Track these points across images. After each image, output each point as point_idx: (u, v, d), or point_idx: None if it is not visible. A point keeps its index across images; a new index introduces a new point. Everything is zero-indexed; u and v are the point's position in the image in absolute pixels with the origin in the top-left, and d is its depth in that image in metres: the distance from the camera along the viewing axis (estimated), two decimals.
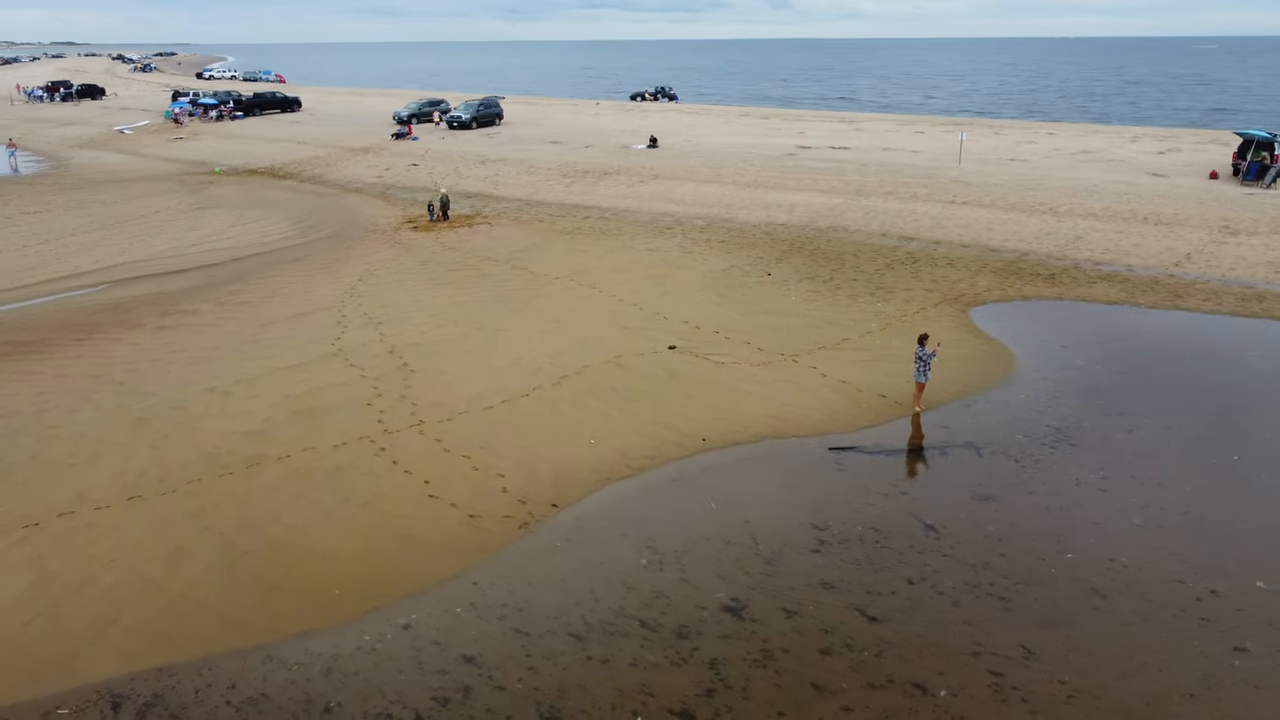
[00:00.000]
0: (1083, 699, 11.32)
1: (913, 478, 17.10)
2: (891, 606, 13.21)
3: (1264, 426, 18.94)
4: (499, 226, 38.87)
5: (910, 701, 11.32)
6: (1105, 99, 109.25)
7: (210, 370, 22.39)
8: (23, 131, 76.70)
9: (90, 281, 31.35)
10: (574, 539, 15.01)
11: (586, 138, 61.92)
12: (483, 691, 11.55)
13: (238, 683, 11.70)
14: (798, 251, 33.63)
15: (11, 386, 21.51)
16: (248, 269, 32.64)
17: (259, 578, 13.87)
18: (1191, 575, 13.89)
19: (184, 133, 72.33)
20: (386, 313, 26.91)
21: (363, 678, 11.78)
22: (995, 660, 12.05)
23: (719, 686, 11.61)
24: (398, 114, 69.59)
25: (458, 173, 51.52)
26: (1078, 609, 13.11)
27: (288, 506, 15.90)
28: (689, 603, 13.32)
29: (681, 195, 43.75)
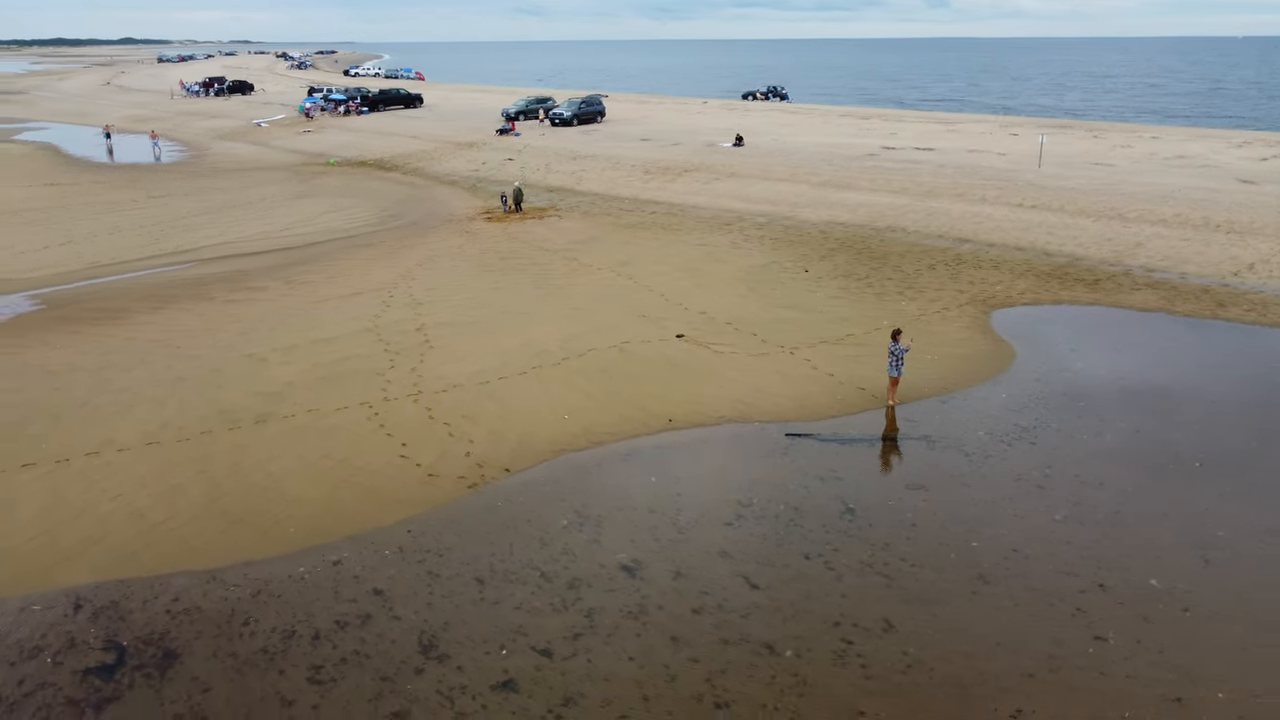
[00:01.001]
0: (918, 669, 11.98)
1: (855, 465, 17.73)
2: (776, 577, 14.06)
3: (1244, 437, 18.63)
4: (567, 219, 40.55)
5: (754, 658, 12.22)
6: (1251, 102, 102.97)
7: (255, 339, 24.79)
8: (174, 123, 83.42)
9: (184, 259, 34.63)
10: (513, 500, 16.39)
11: (678, 136, 63.13)
12: (379, 619, 13.08)
13: (180, 596, 13.59)
14: (845, 250, 34.01)
15: (86, 345, 24.42)
16: (323, 252, 35.33)
17: (228, 514, 15.82)
18: (1087, 569, 14.17)
19: (312, 126, 77.18)
20: (429, 295, 28.90)
21: (283, 600, 13.49)
22: (852, 630, 12.79)
23: (586, 632, 12.79)
24: (506, 111, 72.45)
25: (547, 168, 53.56)
26: (956, 591, 13.66)
27: (276, 458, 17.86)
28: (591, 560, 14.51)
29: (751, 193, 44.47)
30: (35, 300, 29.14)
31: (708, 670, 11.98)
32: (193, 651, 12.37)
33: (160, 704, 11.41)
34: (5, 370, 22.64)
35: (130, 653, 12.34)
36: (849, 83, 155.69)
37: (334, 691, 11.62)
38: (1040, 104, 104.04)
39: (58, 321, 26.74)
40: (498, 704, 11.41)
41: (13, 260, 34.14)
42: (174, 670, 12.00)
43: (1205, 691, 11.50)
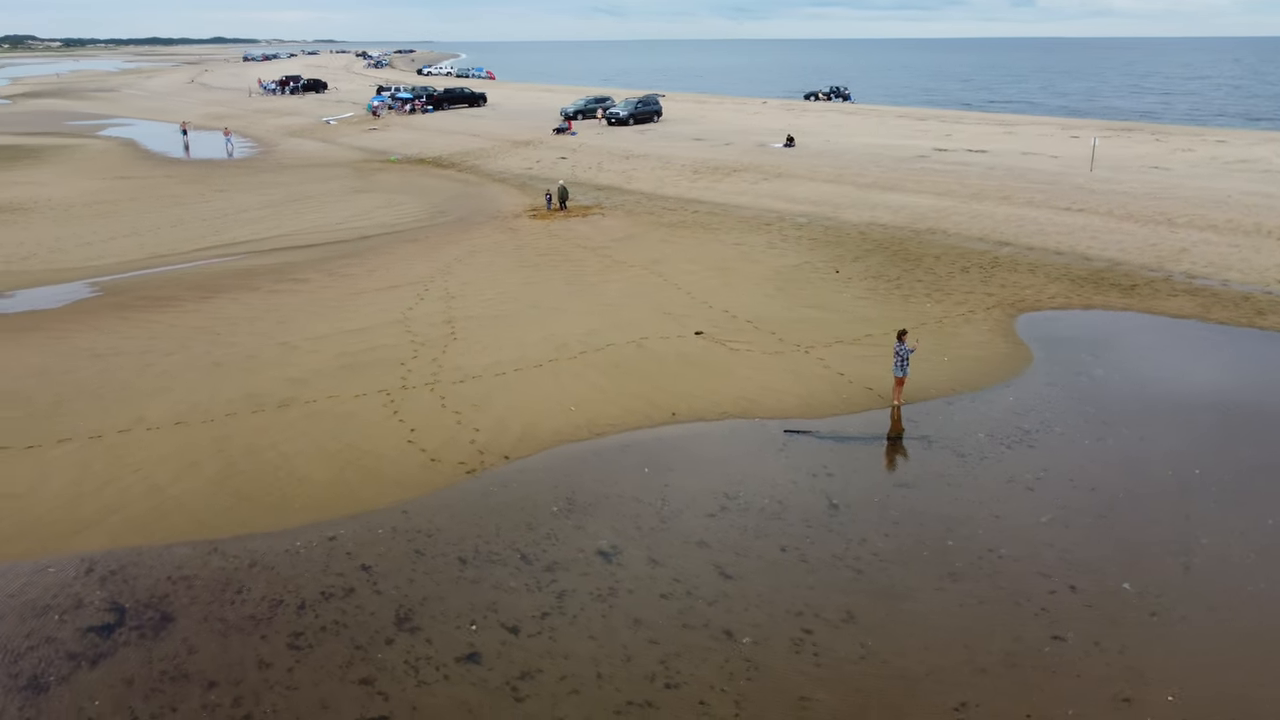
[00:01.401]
0: (871, 660, 12.25)
1: (848, 462, 17.94)
2: (749, 567, 14.41)
3: (1252, 447, 18.35)
4: (609, 217, 41.15)
5: (712, 643, 12.61)
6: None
7: (291, 328, 25.87)
8: (248, 120, 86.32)
9: (239, 251, 36.10)
10: (508, 485, 17.01)
11: (730, 136, 63.31)
12: (362, 592, 13.80)
13: (183, 564, 14.50)
14: (880, 251, 33.96)
15: (133, 331, 25.77)
16: (369, 246, 36.49)
17: (238, 491, 16.73)
18: (1061, 571, 14.23)
19: (378, 124, 79.19)
20: (463, 289, 29.75)
21: (276, 572, 14.30)
22: (813, 620, 13.10)
23: (554, 611, 13.32)
24: (564, 110, 73.41)
25: (598, 166, 54.26)
26: (924, 587, 13.85)
27: (291, 440, 18.77)
28: (572, 545, 15.04)
29: (795, 193, 44.53)
30: (94, 287, 30.74)
31: (664, 652, 12.41)
32: (186, 615, 13.23)
33: (149, 662, 12.26)
34: (56, 353, 24.03)
35: (129, 614, 13.24)
36: (916, 83, 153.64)
37: (309, 657, 12.34)
38: (1114, 106, 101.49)
39: (111, 308, 28.21)
40: (459, 674, 12.00)
41: (80, 250, 35.99)
42: (166, 632, 12.86)
43: (1155, 693, 11.55)
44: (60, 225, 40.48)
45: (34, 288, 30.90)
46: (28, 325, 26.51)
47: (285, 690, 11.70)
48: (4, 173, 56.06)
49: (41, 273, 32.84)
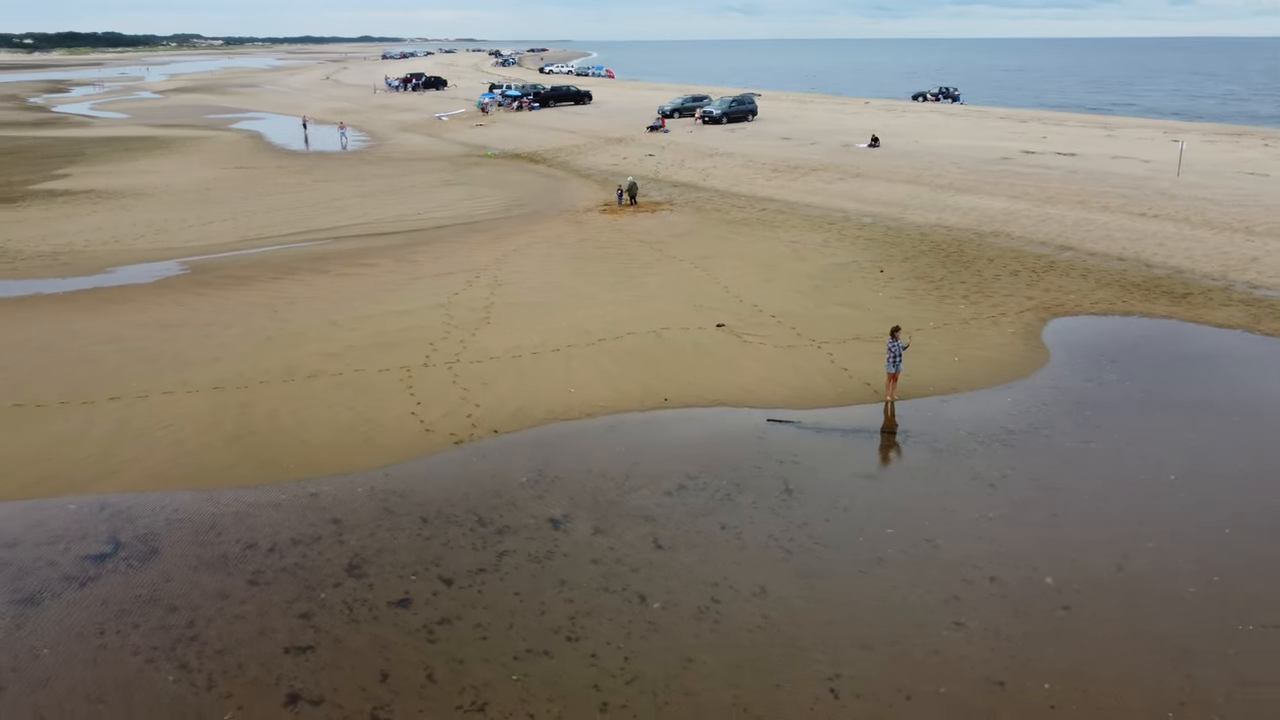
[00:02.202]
0: (766, 630, 12.92)
1: (818, 452, 18.45)
2: (684, 541, 15.21)
3: (1240, 457, 17.99)
4: (677, 213, 42.06)
5: (623, 605, 13.51)
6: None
7: (342, 308, 27.81)
8: (366, 116, 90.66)
9: (322, 236, 38.59)
10: (487, 456, 18.24)
11: (819, 135, 63.19)
12: (326, 541, 15.24)
13: (180, 509, 16.27)
14: (935, 253, 33.83)
15: (204, 305, 28.19)
16: (441, 235, 38.43)
17: (247, 449, 18.49)
18: (987, 563, 14.52)
19: (485, 120, 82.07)
20: (512, 277, 31.21)
21: (256, 519, 15.90)
22: (726, 591, 13.83)
23: (489, 569, 14.45)
24: (662, 108, 74.52)
25: (681, 163, 55.18)
26: (845, 570, 14.38)
27: (308, 407, 20.49)
28: (527, 512, 16.14)
29: (867, 193, 44.46)
30: (183, 266, 33.55)
31: (576, 610, 13.37)
32: (170, 551, 14.92)
33: (127, 586, 13.97)
34: (133, 323, 26.56)
35: (123, 547, 15.03)
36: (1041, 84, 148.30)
37: (262, 592, 13.82)
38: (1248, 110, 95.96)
39: (191, 285, 30.82)
40: (387, 616, 13.26)
41: (180, 232, 39.16)
42: (150, 563, 14.57)
43: (1033, 680, 11.85)
44: (171, 209, 43.99)
45: (133, 264, 33.89)
46: (117, 298, 29.26)
47: (233, 618, 13.18)
48: (136, 161, 60.85)
49: (144, 251, 35.94)
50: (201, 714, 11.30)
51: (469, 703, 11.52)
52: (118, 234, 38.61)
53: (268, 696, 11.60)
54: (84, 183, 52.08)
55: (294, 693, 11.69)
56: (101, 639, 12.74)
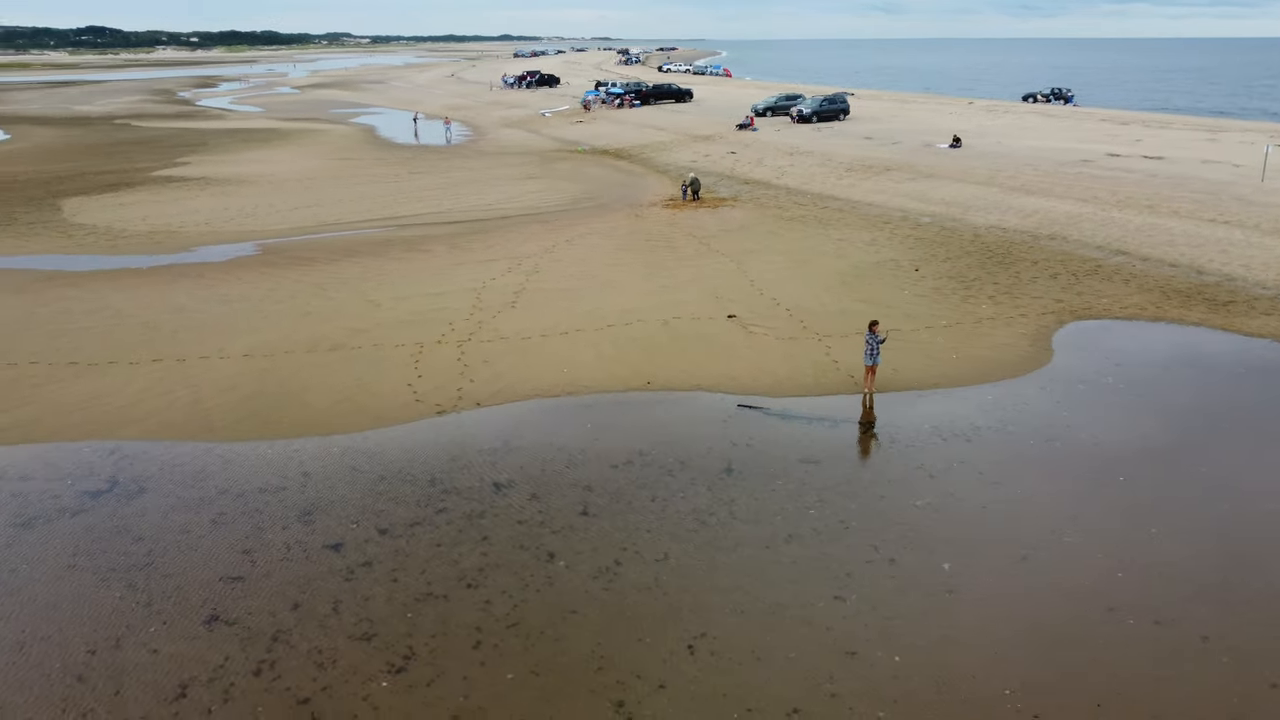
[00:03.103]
0: (653, 592, 13.79)
1: (775, 436, 19.06)
2: (612, 509, 16.17)
3: (1202, 465, 17.76)
4: (737, 209, 42.71)
5: (531, 560, 14.59)
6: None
7: (385, 289, 29.73)
8: (476, 112, 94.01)
9: (394, 224, 40.89)
10: (462, 426, 19.60)
11: (904, 135, 62.46)
12: (290, 490, 16.85)
13: (177, 457, 18.19)
14: (980, 254, 33.57)
15: (264, 283, 30.58)
16: (503, 225, 40.19)
17: (254, 409, 20.37)
18: (891, 547, 14.95)
19: (586, 117, 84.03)
20: (553, 266, 32.59)
21: (238, 469, 17.66)
22: (630, 556, 14.74)
23: (423, 521, 15.76)
24: (755, 107, 74.86)
25: (759, 161, 55.63)
26: (751, 544, 15.07)
27: (320, 376, 22.29)
28: (476, 475, 17.39)
29: (934, 194, 44.08)
30: (258, 247, 36.25)
31: (487, 562, 14.53)
32: (156, 492, 16.80)
33: (109, 518, 15.87)
34: (197, 296, 29.10)
35: (118, 485, 17.01)
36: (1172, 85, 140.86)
37: (220, 529, 15.50)
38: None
39: (260, 264, 33.37)
40: (318, 556, 14.72)
41: (267, 216, 42.14)
42: (135, 500, 16.47)
43: (884, 652, 12.37)
44: (265, 196, 47.25)
45: (216, 245, 36.81)
46: (191, 274, 32.00)
47: (185, 549, 14.89)
48: (250, 151, 65.16)
49: (229, 233, 38.92)
50: (131, 626, 12.96)
51: (360, 633, 12.81)
52: (211, 217, 41.83)
53: (191, 616, 13.17)
54: (198, 170, 56.24)
55: (214, 614, 13.24)
56: (72, 560, 14.61)
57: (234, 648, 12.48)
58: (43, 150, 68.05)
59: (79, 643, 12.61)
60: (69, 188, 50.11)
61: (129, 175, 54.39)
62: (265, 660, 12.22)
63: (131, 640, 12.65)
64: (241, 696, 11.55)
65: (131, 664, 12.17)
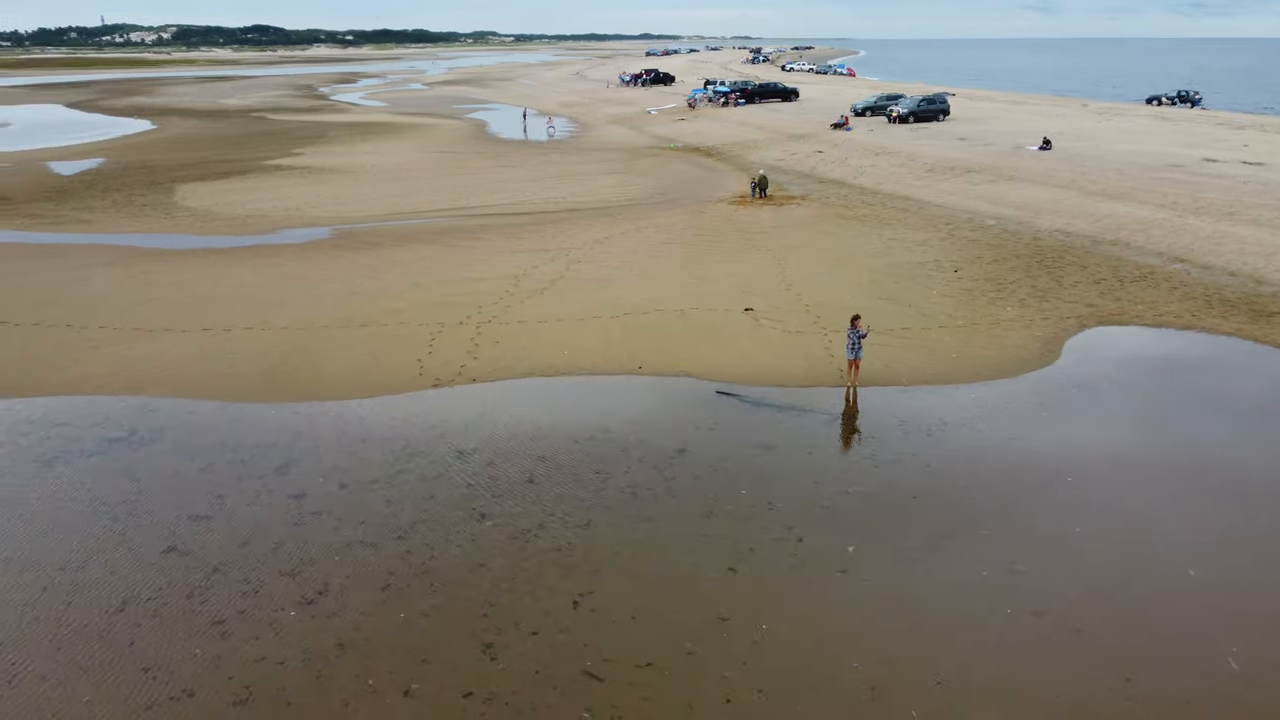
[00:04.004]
0: (558, 553, 14.77)
1: (739, 422, 19.73)
2: (554, 479, 17.24)
3: (1157, 475, 17.60)
4: (802, 207, 43.03)
5: (464, 520, 15.80)
6: None
7: (432, 273, 31.57)
8: (587, 109, 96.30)
9: (464, 214, 42.95)
10: (452, 399, 21.02)
11: (997, 137, 61.01)
12: (278, 447, 18.59)
13: (193, 413, 20.23)
14: (1029, 257, 33.09)
15: (326, 264, 32.89)
16: (567, 217, 41.68)
17: (273, 375, 22.32)
18: (808, 528, 15.47)
19: (689, 116, 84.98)
20: (598, 257, 33.82)
21: (241, 426, 19.55)
22: (556, 519, 15.78)
23: (381, 480, 17.19)
24: (854, 106, 74.29)
25: (843, 161, 55.54)
26: (674, 517, 15.84)
27: (342, 349, 24.12)
28: (446, 443, 18.74)
29: (1009, 196, 43.32)
30: (334, 232, 38.80)
31: (421, 518, 15.84)
32: (165, 440, 18.83)
33: (119, 459, 17.94)
34: (264, 274, 31.59)
35: (134, 432, 19.13)
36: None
37: (204, 476, 17.34)
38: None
39: (329, 247, 35.81)
40: (281, 504, 16.34)
41: (351, 203, 44.88)
42: (143, 447, 18.52)
43: (752, 621, 13.07)
44: (358, 185, 50.19)
45: (297, 228, 39.58)
46: (264, 254, 34.66)
47: (168, 491, 16.76)
48: (361, 144, 68.89)
49: (313, 218, 41.72)
50: (101, 551, 14.84)
51: (288, 570, 14.31)
52: (302, 203, 44.85)
53: (153, 546, 14.96)
54: (307, 160, 59.98)
55: (173, 546, 14.99)
56: (74, 493, 16.68)
57: (179, 574, 14.15)
58: (180, 140, 73.62)
59: (54, 562, 14.53)
60: (189, 174, 54.33)
61: (245, 164, 58.46)
62: (200, 586, 13.83)
63: (97, 562, 14.50)
64: (168, 614, 13.18)
65: (90, 581, 13.99)
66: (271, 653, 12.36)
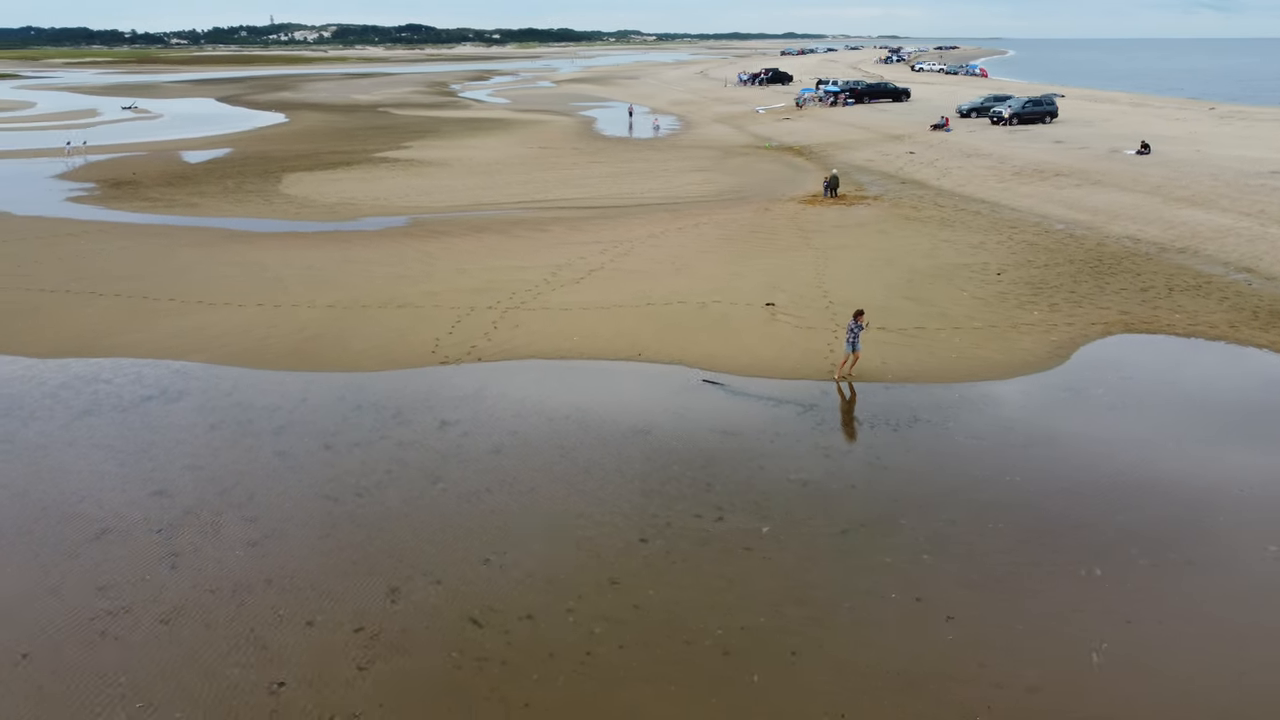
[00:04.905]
0: (497, 515, 15.98)
1: (712, 408, 20.44)
2: (520, 451, 18.41)
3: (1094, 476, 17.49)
4: (869, 208, 42.96)
5: (412, 479, 17.13)
6: None
7: (481, 260, 33.29)
8: (697, 107, 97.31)
9: (538, 206, 44.69)
10: (453, 375, 22.49)
11: (1097, 140, 58.86)
12: (283, 410, 20.44)
13: (220, 378, 22.35)
14: (1081, 263, 32.37)
15: (391, 249, 35.05)
16: (634, 211, 42.87)
17: (305, 349, 24.26)
18: (730, 510, 16.16)
19: (795, 115, 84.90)
20: (646, 250, 34.86)
21: (259, 390, 21.52)
22: (503, 486, 16.93)
23: (363, 443, 18.75)
24: (959, 107, 72.78)
25: (932, 163, 54.82)
26: (610, 492, 16.80)
27: (371, 326, 25.98)
28: (431, 413, 20.18)
29: (1087, 201, 42.16)
30: (410, 221, 41.12)
31: (384, 480, 17.26)
32: (187, 401, 20.97)
33: (142, 415, 20.12)
34: (329, 257, 33.97)
35: (165, 391, 21.36)
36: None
37: (210, 432, 19.30)
38: None
39: (400, 234, 38.06)
40: (266, 460, 18.10)
41: (436, 194, 47.30)
42: (168, 404, 20.70)
43: (639, 585, 13.95)
44: (449, 178, 52.70)
45: (379, 216, 42.12)
46: (338, 239, 37.17)
47: (176, 443, 18.77)
48: (467, 139, 71.90)
49: (396, 207, 44.24)
50: (100, 489, 16.87)
51: (249, 517, 15.97)
52: (390, 193, 47.55)
53: (144, 488, 16.92)
54: (412, 154, 63.11)
55: (161, 489, 16.90)
56: (99, 441, 18.89)
57: (156, 513, 16.01)
58: (304, 132, 78.40)
59: (59, 496, 16.64)
60: (300, 165, 58.10)
61: (352, 156, 62.01)
62: (168, 524, 15.65)
63: (92, 498, 16.54)
64: (134, 544, 15.03)
65: (81, 513, 16.00)
66: (208, 584, 13.98)
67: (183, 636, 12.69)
